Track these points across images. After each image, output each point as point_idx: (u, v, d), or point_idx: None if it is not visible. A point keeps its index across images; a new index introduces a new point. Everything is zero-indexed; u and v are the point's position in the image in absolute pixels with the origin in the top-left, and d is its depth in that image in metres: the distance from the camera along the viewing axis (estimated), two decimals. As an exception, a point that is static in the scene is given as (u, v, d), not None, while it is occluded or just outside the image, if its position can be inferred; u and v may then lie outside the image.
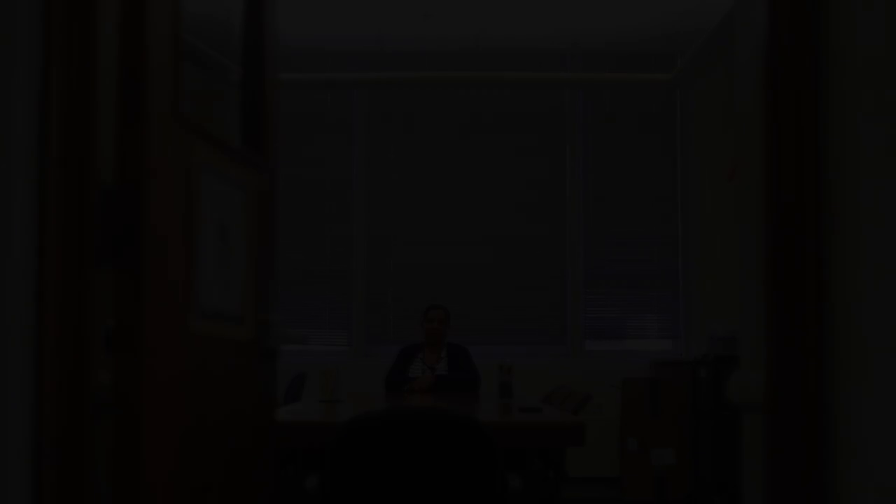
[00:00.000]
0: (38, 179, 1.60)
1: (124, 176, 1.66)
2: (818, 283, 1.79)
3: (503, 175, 8.57)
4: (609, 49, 8.48)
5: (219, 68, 2.78)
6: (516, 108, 8.63)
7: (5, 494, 1.56)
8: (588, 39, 8.23)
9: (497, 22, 7.85)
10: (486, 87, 8.40)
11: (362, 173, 8.56)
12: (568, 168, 8.60)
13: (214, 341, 1.96)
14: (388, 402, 5.42)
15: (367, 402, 5.06)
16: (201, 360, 1.90)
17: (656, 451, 7.79)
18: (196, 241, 1.86)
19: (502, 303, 8.50)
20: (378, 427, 3.47)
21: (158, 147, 1.71)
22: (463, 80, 8.11)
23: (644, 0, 7.41)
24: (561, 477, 4.89)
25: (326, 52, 8.47)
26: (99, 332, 1.74)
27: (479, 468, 3.35)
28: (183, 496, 1.81)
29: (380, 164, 8.60)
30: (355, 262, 8.50)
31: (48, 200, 1.59)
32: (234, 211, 2.03)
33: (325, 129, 8.64)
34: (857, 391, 1.76)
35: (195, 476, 1.88)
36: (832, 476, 1.78)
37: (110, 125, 1.69)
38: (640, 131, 8.62)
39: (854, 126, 1.79)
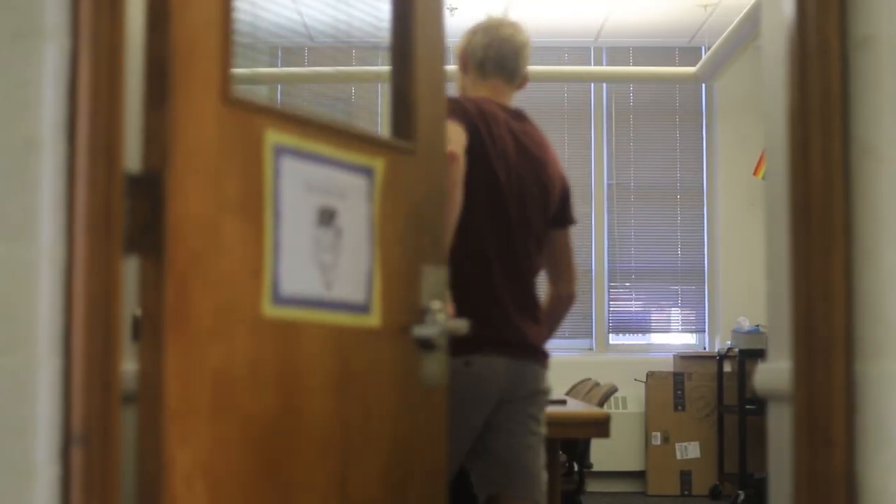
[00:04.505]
0: (65, 166, 1.61)
1: (148, 162, 1.67)
2: (846, 269, 1.78)
3: (528, 168, 8.54)
4: (634, 42, 8.45)
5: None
6: (541, 101, 8.61)
7: (34, 482, 1.57)
8: (613, 32, 8.19)
9: (522, 15, 7.82)
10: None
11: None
12: (593, 161, 8.58)
13: (306, 329, 1.92)
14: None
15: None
16: (276, 349, 1.85)
17: (681, 444, 7.76)
18: (272, 225, 1.83)
19: (527, 296, 8.48)
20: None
21: (191, 131, 1.71)
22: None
23: (670, -8, 7.39)
24: (585, 470, 4.88)
25: (346, 45, 8.48)
26: (126, 321, 1.75)
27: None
28: (216, 491, 1.78)
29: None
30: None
31: (76, 188, 1.60)
32: (351, 195, 2.01)
33: (349, 123, 8.64)
34: (886, 379, 1.75)
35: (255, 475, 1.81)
36: (860, 465, 1.77)
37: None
38: (666, 125, 8.59)
39: (881, 114, 1.78)
